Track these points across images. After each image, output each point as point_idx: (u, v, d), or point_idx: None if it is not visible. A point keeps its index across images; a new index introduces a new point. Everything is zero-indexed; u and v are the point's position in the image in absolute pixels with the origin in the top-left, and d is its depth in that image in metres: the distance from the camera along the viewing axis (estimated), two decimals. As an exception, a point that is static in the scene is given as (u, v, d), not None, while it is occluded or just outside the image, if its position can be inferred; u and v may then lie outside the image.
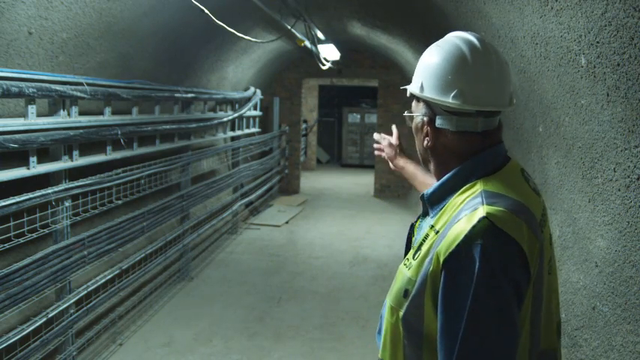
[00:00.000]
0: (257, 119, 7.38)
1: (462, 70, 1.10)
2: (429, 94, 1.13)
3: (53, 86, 2.79)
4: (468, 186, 1.09)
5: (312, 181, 11.08)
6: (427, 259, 1.04)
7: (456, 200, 1.09)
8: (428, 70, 1.14)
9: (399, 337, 1.12)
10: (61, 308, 2.97)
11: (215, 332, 3.83)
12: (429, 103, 1.15)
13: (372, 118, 13.11)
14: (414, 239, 1.23)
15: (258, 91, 7.09)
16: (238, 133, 6.53)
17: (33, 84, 2.64)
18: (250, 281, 4.94)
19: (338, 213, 8.06)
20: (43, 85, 2.72)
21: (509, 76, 1.15)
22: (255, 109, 7.05)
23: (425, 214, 1.21)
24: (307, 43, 6.13)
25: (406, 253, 1.27)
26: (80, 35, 3.07)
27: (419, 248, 1.09)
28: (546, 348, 1.12)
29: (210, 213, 5.61)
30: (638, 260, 1.54)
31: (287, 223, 7.28)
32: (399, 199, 9.16)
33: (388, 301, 1.15)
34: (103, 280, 3.38)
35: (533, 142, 2.58)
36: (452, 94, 1.09)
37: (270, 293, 4.64)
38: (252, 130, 7.14)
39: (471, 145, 1.13)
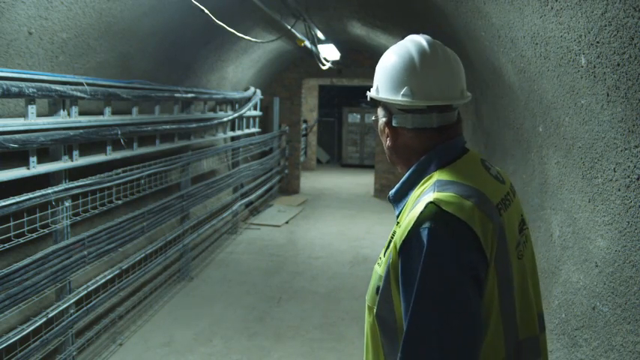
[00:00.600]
0: (257, 119, 7.38)
1: (410, 70, 1.16)
2: (383, 95, 1.20)
3: (53, 86, 2.79)
4: (425, 179, 1.14)
5: (312, 181, 11.08)
6: (391, 253, 1.08)
7: (415, 194, 1.14)
8: (382, 73, 1.21)
9: (377, 336, 1.14)
10: (61, 308, 2.97)
11: (215, 332, 3.83)
12: (386, 105, 1.21)
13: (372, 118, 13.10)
14: None
15: (258, 91, 7.09)
16: (238, 133, 6.53)
17: (33, 84, 2.64)
18: (250, 281, 4.94)
19: (338, 213, 8.06)
20: (43, 85, 2.72)
21: (459, 73, 1.20)
22: (255, 109, 7.05)
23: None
24: (307, 43, 6.14)
25: None
26: (80, 35, 3.07)
27: (388, 246, 1.12)
28: (527, 337, 1.12)
29: (210, 213, 5.61)
30: (638, 260, 1.54)
31: (287, 223, 7.28)
32: (399, 199, 9.15)
33: (366, 302, 1.18)
34: (103, 280, 3.38)
35: (533, 142, 2.58)
36: (402, 92, 1.15)
37: (270, 293, 4.64)
38: (252, 130, 7.15)
39: (429, 141, 1.18)
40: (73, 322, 3.09)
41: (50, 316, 2.87)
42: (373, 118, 1.30)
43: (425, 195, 1.08)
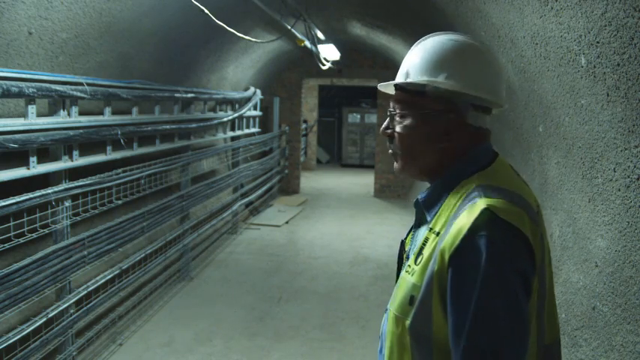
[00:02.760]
0: (257, 119, 7.38)
1: (493, 69, 1.14)
2: (466, 90, 1.09)
3: (53, 86, 2.79)
4: (462, 183, 1.09)
5: (312, 181, 11.08)
6: (431, 261, 1.02)
7: (452, 199, 1.08)
8: (463, 65, 1.11)
9: (406, 348, 1.07)
10: (61, 308, 2.97)
11: (215, 332, 3.83)
12: (451, 99, 1.10)
13: (372, 118, 13.11)
14: (408, 249, 1.20)
15: (258, 91, 7.09)
16: (238, 133, 6.53)
17: (33, 84, 2.64)
18: (250, 281, 4.94)
19: (338, 213, 8.06)
20: (43, 85, 2.72)
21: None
22: (255, 109, 7.05)
23: (418, 225, 1.18)
24: (307, 43, 6.13)
25: (398, 269, 1.24)
26: (80, 35, 3.07)
27: (420, 253, 1.07)
28: (551, 342, 1.11)
29: (210, 213, 5.61)
30: (638, 260, 1.54)
31: (287, 223, 7.28)
32: (399, 199, 9.16)
33: (392, 312, 1.10)
34: (103, 280, 3.38)
35: (533, 142, 2.58)
36: (487, 89, 1.10)
37: (270, 293, 4.64)
38: (252, 130, 7.15)
39: (470, 141, 1.13)
40: (73, 322, 3.09)
41: (50, 316, 2.86)
42: (415, 111, 1.13)
43: (470, 200, 1.02)
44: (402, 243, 1.25)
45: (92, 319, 3.47)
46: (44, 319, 2.81)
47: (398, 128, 1.16)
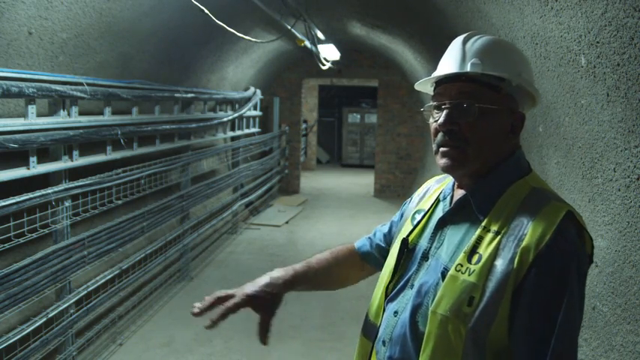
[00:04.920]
0: (257, 119, 7.38)
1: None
2: (535, 92, 1.16)
3: (53, 86, 2.79)
4: (517, 183, 1.09)
5: (312, 181, 11.08)
6: (500, 261, 0.99)
7: (508, 199, 1.07)
8: (526, 63, 1.17)
9: (454, 351, 1.00)
10: (61, 308, 2.96)
11: (215, 332, 3.82)
12: (513, 95, 1.12)
13: (372, 118, 13.12)
14: (427, 248, 1.16)
15: (258, 91, 7.09)
16: (238, 133, 6.53)
17: (33, 84, 2.64)
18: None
19: (338, 213, 8.06)
20: (43, 85, 2.72)
21: None
22: (255, 109, 7.05)
23: (444, 223, 1.15)
24: (307, 43, 6.13)
25: (396, 267, 1.20)
26: (80, 35, 3.07)
27: (474, 252, 1.02)
28: None
29: (210, 213, 5.61)
30: (638, 260, 1.54)
31: (287, 223, 7.28)
32: (399, 199, 9.15)
33: (438, 313, 1.02)
34: (103, 280, 3.38)
35: (533, 142, 2.58)
36: (540, 94, 1.18)
37: (270, 293, 4.63)
38: (252, 130, 7.15)
39: (517, 142, 1.16)
40: (73, 322, 3.08)
41: (50, 316, 2.86)
42: (490, 106, 1.09)
43: (537, 202, 1.03)
44: (406, 241, 1.21)
45: (92, 319, 3.47)
46: (44, 319, 2.81)
47: (468, 120, 1.08)
